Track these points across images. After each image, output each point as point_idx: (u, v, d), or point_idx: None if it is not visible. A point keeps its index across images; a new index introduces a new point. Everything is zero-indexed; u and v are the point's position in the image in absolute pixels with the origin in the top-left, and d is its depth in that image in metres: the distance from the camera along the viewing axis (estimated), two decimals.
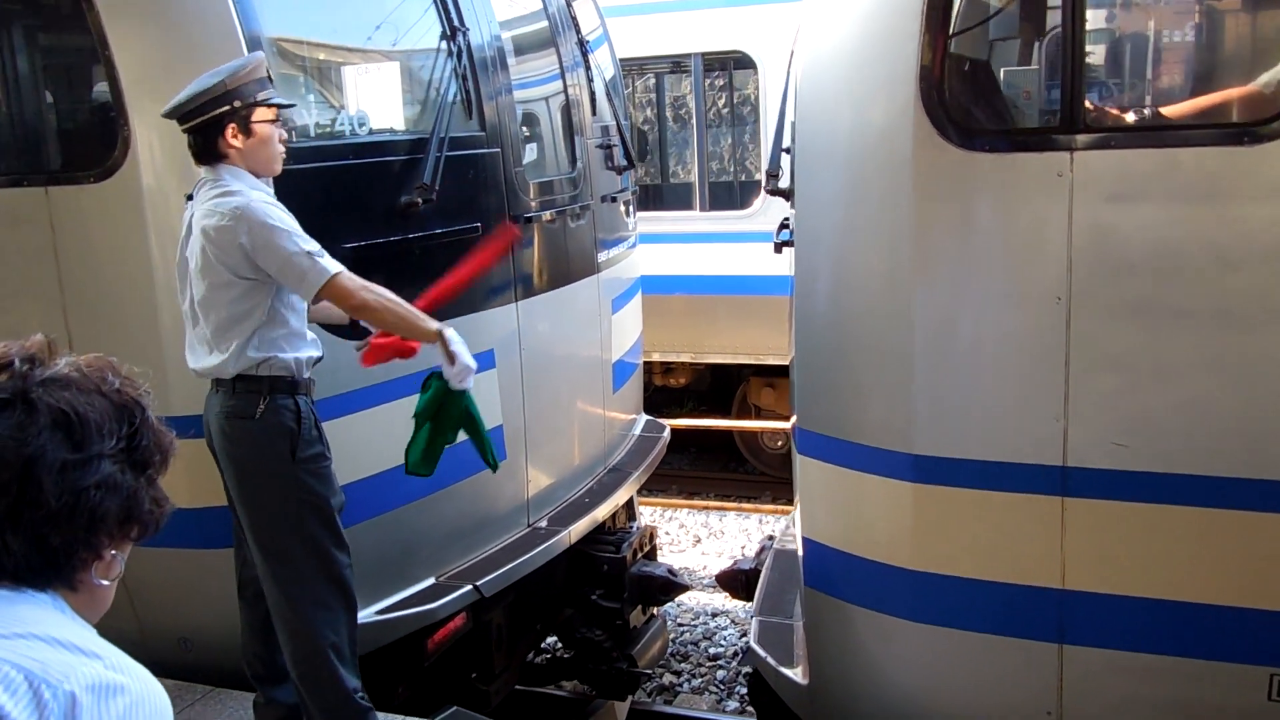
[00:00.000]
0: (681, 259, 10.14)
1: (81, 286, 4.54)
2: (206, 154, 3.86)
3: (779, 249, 4.86)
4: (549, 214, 5.72)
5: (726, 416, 11.02)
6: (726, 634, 7.85)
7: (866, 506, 4.26)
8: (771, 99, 9.30)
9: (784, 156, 4.96)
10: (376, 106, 5.01)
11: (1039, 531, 3.87)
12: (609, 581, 6.00)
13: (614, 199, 6.58)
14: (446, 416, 4.21)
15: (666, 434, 7.14)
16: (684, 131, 11.94)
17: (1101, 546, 3.82)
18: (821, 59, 4.19)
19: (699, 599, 8.30)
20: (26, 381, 1.67)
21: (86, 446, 1.64)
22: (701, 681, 7.33)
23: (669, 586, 6.10)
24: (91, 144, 4.58)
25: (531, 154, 5.86)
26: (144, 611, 4.80)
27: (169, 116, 3.86)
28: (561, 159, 6.13)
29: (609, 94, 6.70)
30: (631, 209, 7.09)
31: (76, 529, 1.64)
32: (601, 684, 6.15)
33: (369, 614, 4.58)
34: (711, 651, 7.65)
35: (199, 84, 3.81)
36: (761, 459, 10.85)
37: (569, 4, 6.35)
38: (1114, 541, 3.80)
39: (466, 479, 5.13)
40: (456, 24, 5.04)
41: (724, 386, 11.13)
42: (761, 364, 10.19)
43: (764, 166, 6.41)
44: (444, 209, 4.88)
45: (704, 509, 10.27)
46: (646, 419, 7.32)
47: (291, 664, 4.06)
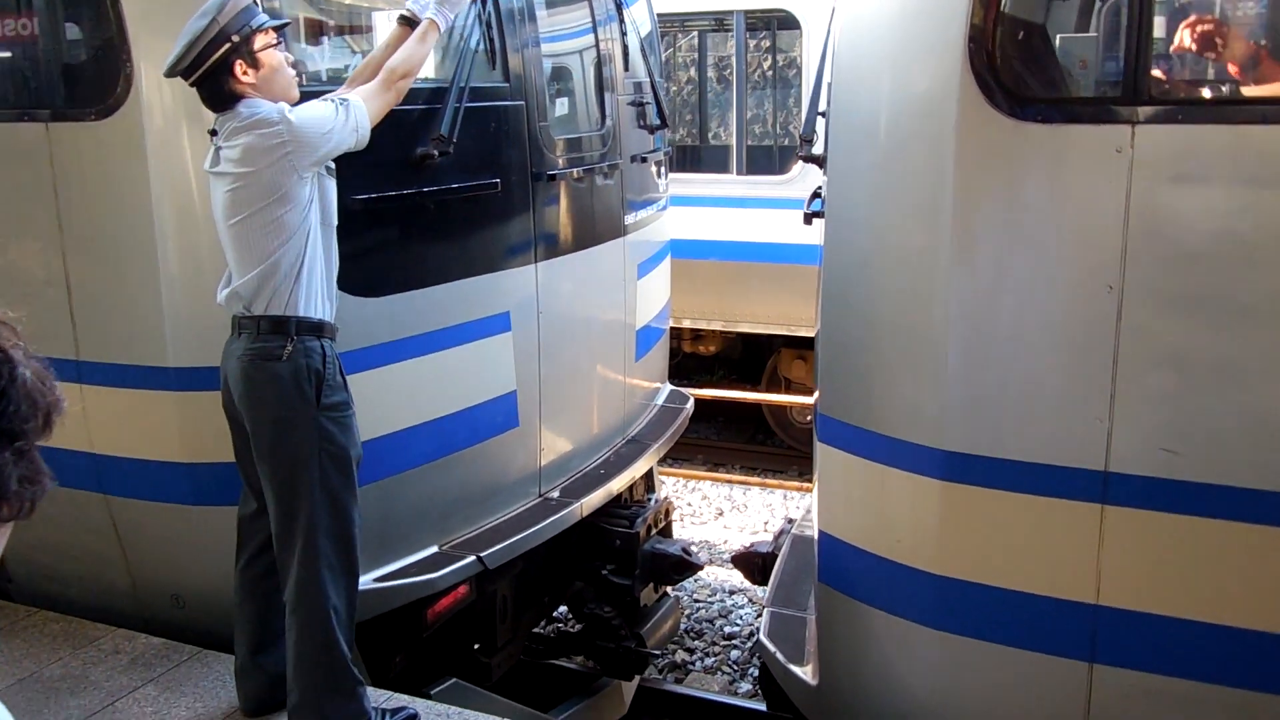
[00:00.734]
0: (716, 223, 9.88)
1: (80, 227, 4.38)
2: (220, 98, 3.69)
3: (809, 220, 4.57)
4: (575, 172, 5.49)
5: (757, 386, 10.79)
6: (743, 613, 7.65)
7: (889, 503, 4.00)
8: (815, 60, 8.98)
9: (819, 121, 4.67)
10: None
11: (1074, 541, 3.59)
12: (621, 557, 5.80)
13: (644, 159, 6.33)
14: None
15: (690, 406, 6.92)
16: (724, 92, 11.65)
17: (1142, 561, 3.54)
18: (862, 16, 3.91)
19: (717, 575, 8.11)
20: None
21: None
22: (714, 661, 7.14)
23: (682, 565, 5.89)
24: (94, 80, 4.40)
25: (559, 109, 5.63)
26: (136, 566, 4.68)
27: (172, 75, 3.68)
28: (591, 116, 5.88)
29: (643, 50, 6.44)
30: (664, 170, 6.85)
31: None
32: (608, 662, 5.98)
33: (367, 581, 4.41)
34: (727, 630, 7.46)
35: (189, 32, 3.63)
36: (790, 433, 10.62)
37: None
38: (1157, 556, 3.52)
39: (477, 444, 4.96)
40: None
41: (756, 356, 10.89)
42: (793, 335, 9.94)
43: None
44: (462, 162, 4.67)
45: (727, 482, 10.05)
46: (670, 389, 7.10)
47: (291, 620, 3.91)
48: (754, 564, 5.60)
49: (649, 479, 6.69)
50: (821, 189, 4.51)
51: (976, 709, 3.92)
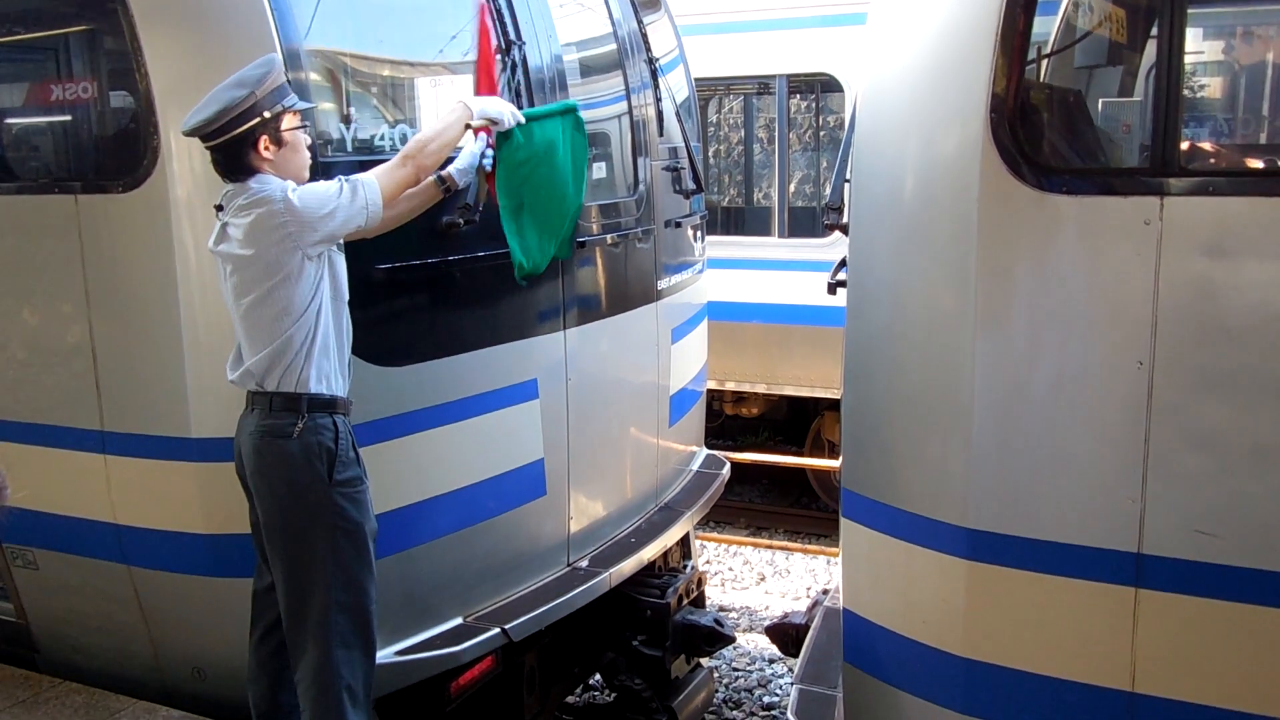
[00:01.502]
0: (758, 286, 9.84)
1: (106, 297, 4.41)
2: (237, 170, 3.71)
3: (833, 289, 4.49)
4: (608, 238, 5.46)
5: (802, 449, 10.66)
6: (783, 682, 7.48)
7: (915, 582, 3.87)
8: None
9: (847, 188, 4.61)
10: (419, 121, 4.79)
11: (1107, 625, 3.45)
12: (651, 628, 5.69)
13: (679, 223, 6.30)
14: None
15: (726, 471, 6.82)
16: (768, 155, 11.65)
17: (1178, 647, 3.38)
18: (885, 82, 3.84)
19: (757, 643, 7.95)
20: None
21: None
22: None
23: (714, 637, 5.77)
24: (121, 153, 4.44)
25: (591, 175, 5.62)
26: (159, 638, 4.64)
27: (193, 134, 3.69)
28: (625, 181, 5.87)
29: (679, 115, 6.43)
30: (700, 234, 6.82)
31: None
32: None
33: (387, 654, 4.35)
34: (765, 700, 7.29)
35: (224, 98, 3.65)
36: (834, 496, 10.44)
37: (640, 24, 6.10)
38: (1194, 642, 3.36)
39: (503, 513, 4.90)
40: (512, 38, 4.81)
41: (800, 418, 10.77)
42: (837, 398, 9.80)
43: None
44: (488, 230, 4.64)
45: (769, 547, 9.90)
46: (706, 454, 7.01)
47: (304, 702, 3.87)
48: (788, 635, 5.46)
49: (685, 545, 6.59)
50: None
51: None
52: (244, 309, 3.69)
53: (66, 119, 4.74)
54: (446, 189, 4.10)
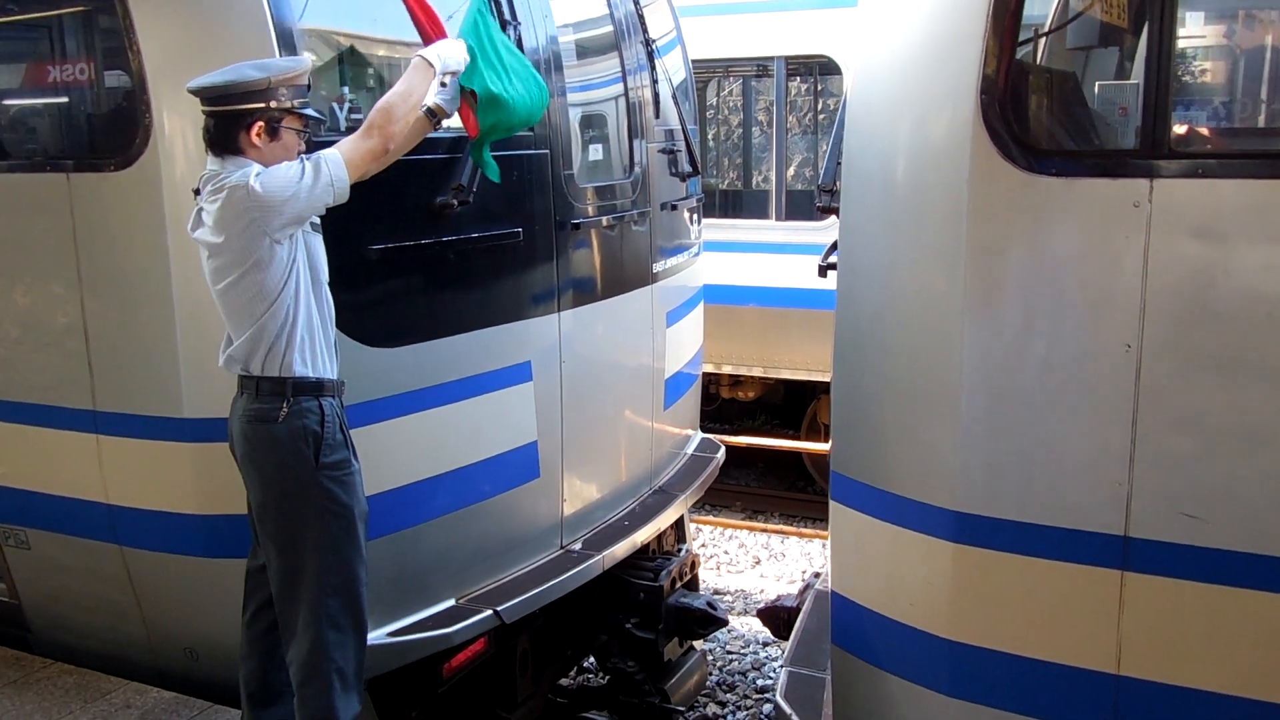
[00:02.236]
0: (755, 269, 9.82)
1: (99, 277, 4.40)
2: (222, 143, 3.68)
3: (824, 272, 4.46)
4: (602, 219, 5.44)
5: (798, 433, 10.66)
6: (777, 665, 7.49)
7: (902, 565, 3.86)
8: None
9: (840, 170, 4.58)
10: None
11: (1093, 608, 3.44)
12: (644, 611, 5.70)
13: (675, 206, 6.28)
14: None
15: (721, 455, 6.82)
16: (764, 137, 11.61)
17: (1164, 630, 3.37)
18: (876, 64, 3.81)
19: (751, 626, 7.96)
20: None
21: None
22: (746, 715, 6.99)
23: (707, 620, 5.78)
24: (114, 132, 4.42)
25: (588, 157, 5.60)
26: (151, 618, 4.65)
27: (195, 93, 3.67)
28: (620, 163, 5.85)
29: (675, 98, 6.41)
30: (696, 216, 6.80)
31: None
32: (631, 717, 5.86)
33: (380, 635, 4.36)
34: (760, 684, 7.31)
35: (241, 72, 3.65)
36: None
37: (637, 6, 6.07)
38: (1179, 626, 3.35)
39: (496, 496, 4.90)
40: (506, 17, 4.78)
41: (797, 402, 10.77)
42: None
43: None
44: (483, 211, 4.64)
45: (764, 531, 9.92)
46: (702, 437, 7.00)
47: (294, 683, 3.89)
48: (779, 619, 5.48)
49: (680, 528, 6.59)
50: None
51: None
52: (220, 294, 3.69)
53: (59, 97, 4.71)
54: (437, 120, 4.03)
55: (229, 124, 3.67)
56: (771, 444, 10.48)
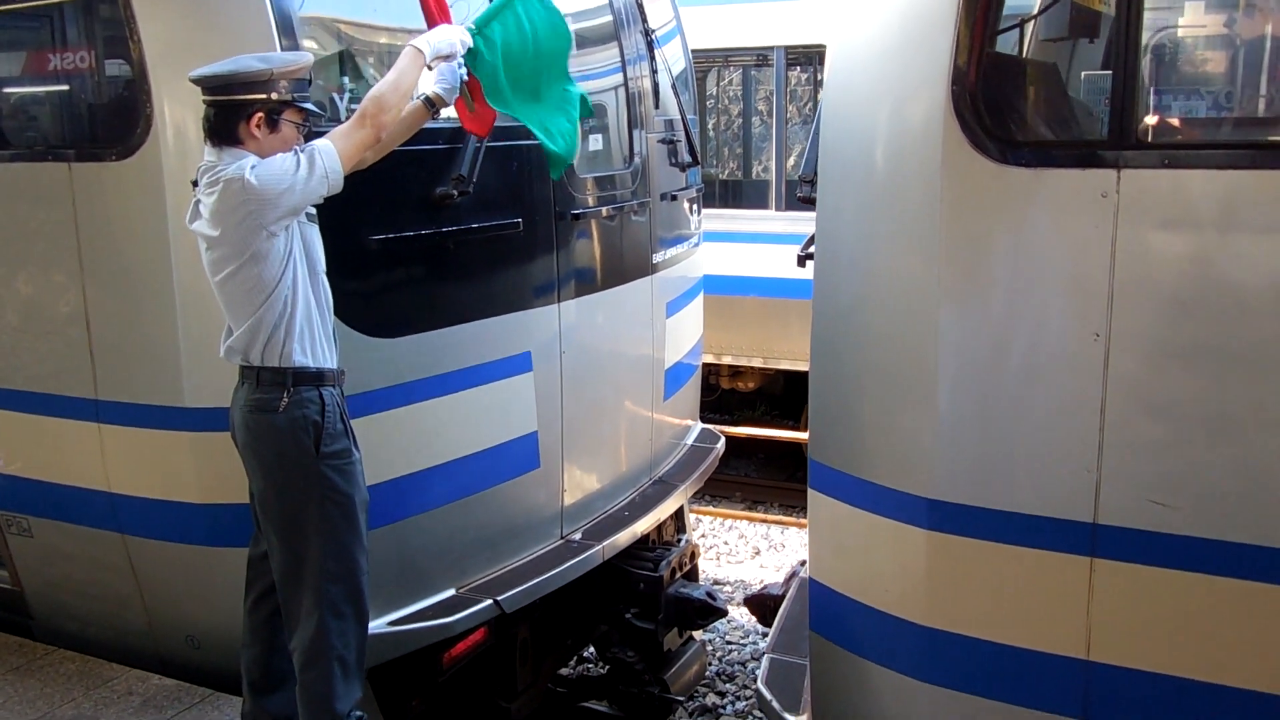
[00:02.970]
0: (755, 259, 9.81)
1: (100, 266, 4.41)
2: (221, 133, 3.69)
3: (802, 261, 4.47)
4: (602, 210, 5.45)
5: (798, 422, 10.67)
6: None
7: (877, 552, 3.90)
8: None
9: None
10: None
11: (1063, 594, 3.47)
12: (644, 601, 5.72)
13: (674, 196, 6.28)
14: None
15: (720, 445, 6.83)
16: (764, 127, 11.61)
17: (1133, 616, 3.41)
18: (851, 53, 3.82)
19: (750, 617, 7.96)
20: None
21: None
22: (746, 705, 7.01)
23: (707, 610, 5.80)
24: (115, 121, 4.43)
25: (587, 148, 5.60)
26: (153, 606, 4.67)
27: (197, 82, 3.68)
28: (620, 154, 5.85)
29: (675, 88, 6.41)
30: (696, 207, 6.80)
31: None
32: (632, 707, 5.89)
33: (380, 624, 4.37)
34: (758, 674, 7.31)
35: (244, 63, 3.66)
36: None
37: None
38: (1147, 611, 3.39)
39: (497, 486, 4.91)
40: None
41: (798, 392, 10.77)
42: None
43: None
44: (483, 202, 4.64)
45: (764, 521, 9.93)
46: (701, 428, 7.02)
47: (296, 670, 3.91)
48: (766, 606, 5.49)
49: (680, 519, 6.61)
50: None
51: None
52: (218, 285, 3.70)
53: (61, 87, 4.72)
54: (435, 110, 4.04)
55: (229, 114, 3.67)
56: (771, 434, 10.49)
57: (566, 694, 6.37)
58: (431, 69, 3.91)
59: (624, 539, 5.50)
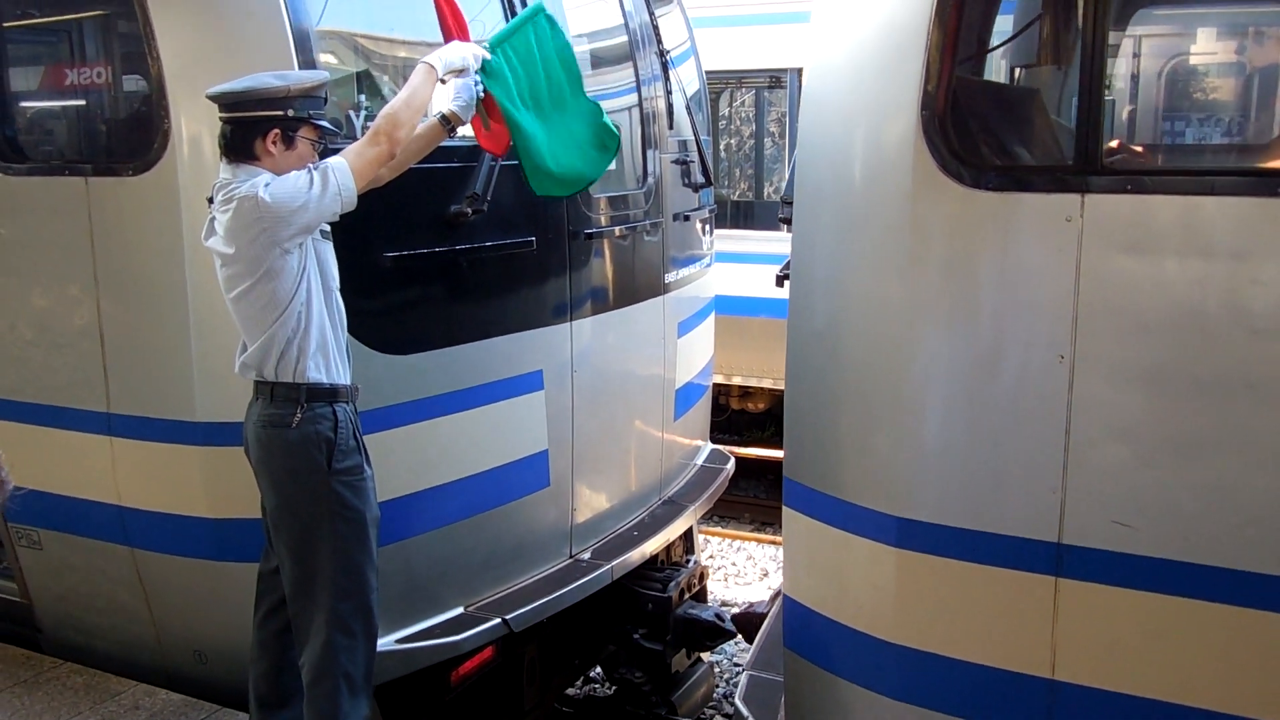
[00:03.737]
0: (766, 280, 9.78)
1: (115, 280, 4.43)
2: (238, 150, 3.70)
3: (780, 281, 4.50)
4: (615, 230, 5.46)
5: None
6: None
7: (849, 569, 3.92)
8: None
9: None
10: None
11: (1029, 613, 3.50)
12: (653, 621, 5.70)
13: (687, 217, 6.29)
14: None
15: (730, 466, 6.82)
16: (777, 149, 11.62)
17: (1097, 636, 3.43)
18: (825, 76, 3.87)
19: None
20: None
21: None
22: None
23: (716, 632, 5.77)
24: (132, 136, 4.46)
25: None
26: (161, 620, 4.66)
27: (214, 99, 3.70)
28: (633, 174, 5.86)
29: (689, 108, 6.42)
30: (709, 227, 6.81)
31: None
32: None
33: (388, 642, 4.36)
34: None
35: (260, 80, 3.68)
36: None
37: (652, 16, 6.09)
38: (1111, 631, 3.41)
39: (507, 504, 4.91)
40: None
41: None
42: None
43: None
44: (496, 220, 4.65)
45: (772, 543, 9.90)
46: (711, 448, 7.00)
47: (305, 683, 3.91)
48: (753, 625, 5.47)
49: (688, 539, 6.59)
50: None
51: None
52: (233, 302, 3.71)
53: (79, 102, 4.75)
54: (451, 127, 4.05)
55: (245, 131, 3.69)
56: (781, 456, 10.44)
57: (573, 714, 6.35)
58: (445, 83, 3.92)
59: (633, 559, 5.48)
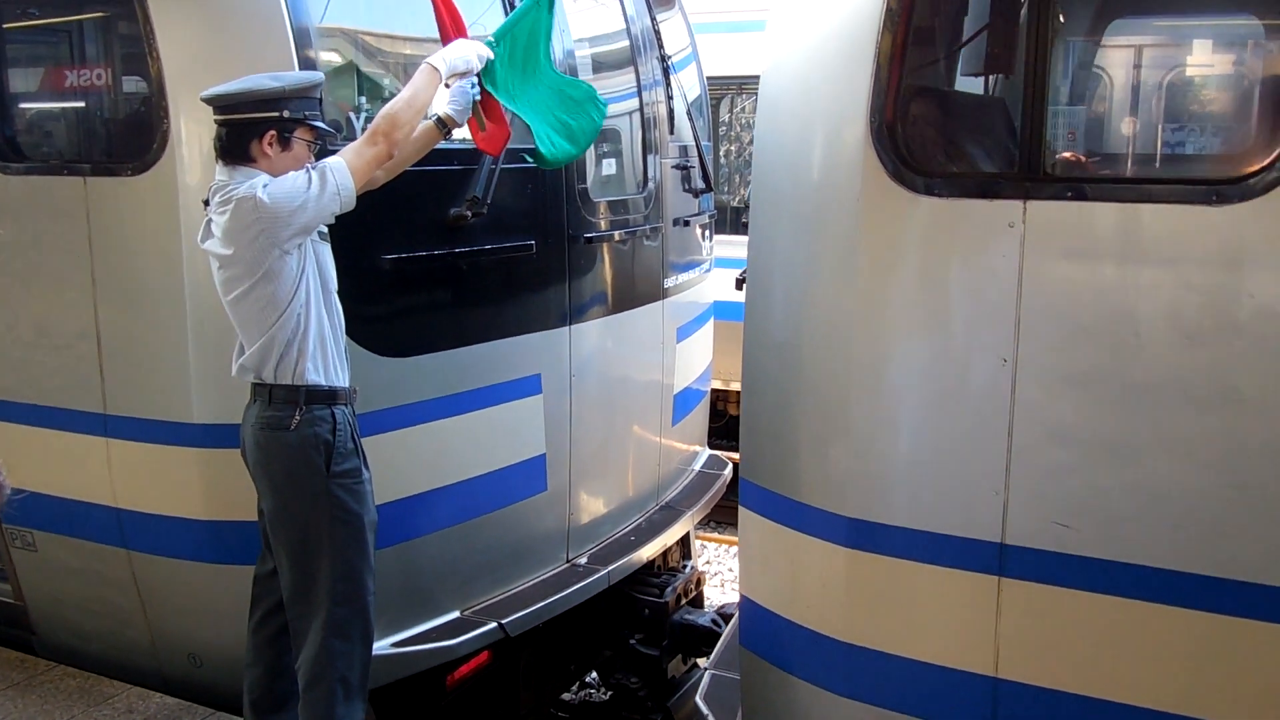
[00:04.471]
0: None
1: (113, 281, 4.41)
2: (234, 152, 3.69)
3: (739, 285, 4.54)
4: (615, 234, 5.45)
5: None
6: None
7: (801, 568, 3.94)
8: None
9: None
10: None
11: (973, 612, 3.53)
12: (649, 627, 5.69)
13: (687, 222, 6.28)
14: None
15: (728, 472, 6.80)
16: None
17: (1038, 634, 3.47)
18: (781, 81, 3.90)
19: None
20: None
21: None
22: None
23: (712, 637, 5.75)
24: (131, 136, 4.45)
25: (601, 172, 5.61)
26: (156, 623, 4.64)
27: (209, 102, 3.69)
28: (634, 179, 5.86)
29: (690, 114, 6.42)
30: (708, 233, 6.81)
31: None
32: None
33: (384, 645, 4.35)
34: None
35: (256, 82, 3.67)
36: None
37: (654, 21, 6.09)
38: (1052, 630, 3.44)
39: (504, 508, 4.90)
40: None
41: None
42: None
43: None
44: (496, 224, 4.65)
45: None
46: (709, 454, 6.99)
47: (301, 685, 3.89)
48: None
49: (685, 544, 6.58)
50: None
51: None
52: (231, 304, 3.70)
53: (78, 102, 4.73)
54: (447, 130, 4.04)
55: (241, 132, 3.68)
56: None
57: (569, 719, 6.33)
58: (449, 86, 3.91)
59: (630, 564, 5.47)
